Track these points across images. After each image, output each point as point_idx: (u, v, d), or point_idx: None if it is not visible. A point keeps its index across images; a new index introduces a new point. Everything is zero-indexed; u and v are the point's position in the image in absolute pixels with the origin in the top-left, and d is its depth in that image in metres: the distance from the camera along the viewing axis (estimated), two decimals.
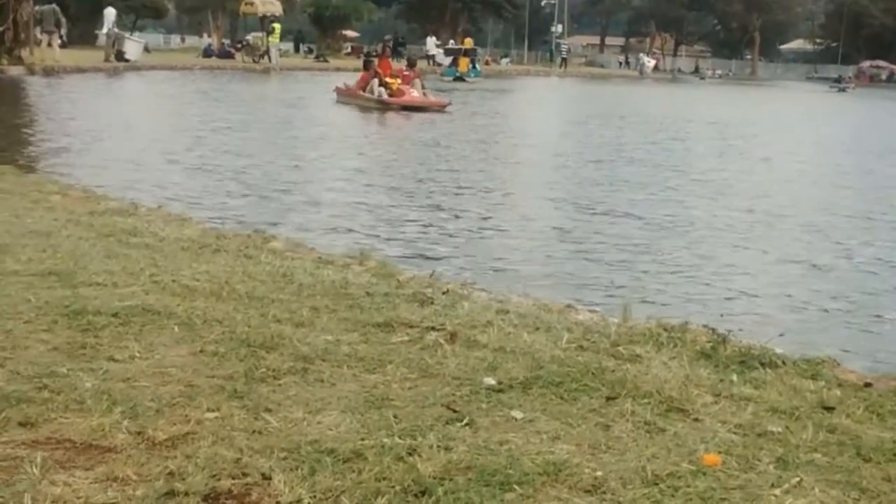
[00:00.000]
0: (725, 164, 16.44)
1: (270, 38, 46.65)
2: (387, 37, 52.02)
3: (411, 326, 4.32)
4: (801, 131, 26.35)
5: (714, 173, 14.77)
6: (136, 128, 17.78)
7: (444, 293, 5.11)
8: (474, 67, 47.83)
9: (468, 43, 56.97)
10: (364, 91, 24.26)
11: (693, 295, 7.00)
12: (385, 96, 23.47)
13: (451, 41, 59.40)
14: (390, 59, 27.34)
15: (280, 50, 49.39)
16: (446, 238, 8.61)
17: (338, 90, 26.12)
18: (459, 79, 42.55)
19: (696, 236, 9.30)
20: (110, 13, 39.19)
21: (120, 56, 36.72)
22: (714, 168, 15.56)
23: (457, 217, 9.65)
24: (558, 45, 73.15)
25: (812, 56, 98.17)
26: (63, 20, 33.92)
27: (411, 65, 27.69)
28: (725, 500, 2.73)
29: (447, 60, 51.60)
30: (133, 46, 38.63)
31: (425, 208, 10.14)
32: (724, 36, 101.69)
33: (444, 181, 12.22)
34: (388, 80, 23.89)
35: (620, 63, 78.46)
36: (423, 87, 24.83)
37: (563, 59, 69.13)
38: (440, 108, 23.82)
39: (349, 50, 66.75)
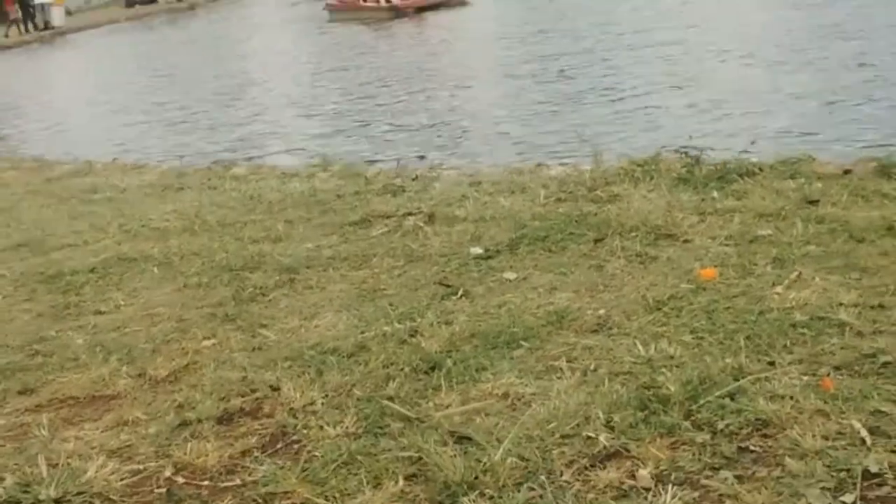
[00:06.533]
0: None
1: None
2: None
3: (388, 217, 4.27)
4: None
5: None
6: (81, 93, 17.39)
7: (413, 179, 5.06)
8: None
9: None
10: (366, 1, 21.07)
11: (658, 124, 6.94)
12: (396, 1, 20.29)
13: None
14: None
15: None
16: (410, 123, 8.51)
17: (329, 7, 22.36)
18: None
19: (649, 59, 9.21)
20: None
21: (47, 25, 35.72)
22: None
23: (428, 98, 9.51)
24: None
25: None
26: None
27: None
28: (729, 308, 2.72)
29: None
30: (55, 12, 37.55)
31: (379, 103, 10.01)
32: None
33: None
34: None
35: None
36: None
37: None
38: (461, 3, 20.74)
39: None
